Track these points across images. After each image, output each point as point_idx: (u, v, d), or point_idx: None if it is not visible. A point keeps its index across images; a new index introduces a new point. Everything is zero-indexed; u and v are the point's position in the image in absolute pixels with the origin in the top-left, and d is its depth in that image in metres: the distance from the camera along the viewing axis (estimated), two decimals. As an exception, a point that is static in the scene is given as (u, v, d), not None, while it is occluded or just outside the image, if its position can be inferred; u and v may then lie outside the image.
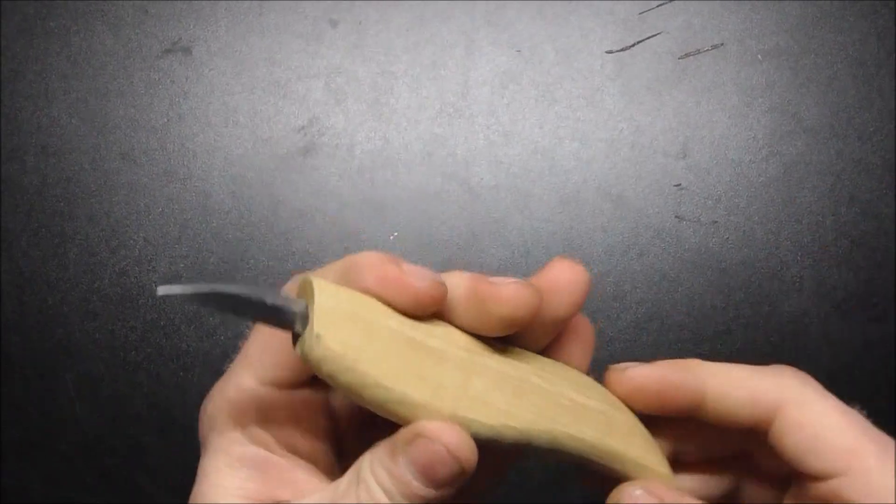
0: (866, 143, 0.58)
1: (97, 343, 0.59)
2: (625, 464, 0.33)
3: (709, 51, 0.59)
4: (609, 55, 0.60)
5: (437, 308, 0.31)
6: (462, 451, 0.30)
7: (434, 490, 0.30)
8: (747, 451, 0.36)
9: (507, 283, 0.31)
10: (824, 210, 0.58)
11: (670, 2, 0.59)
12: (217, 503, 0.32)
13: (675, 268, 0.58)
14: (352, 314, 0.30)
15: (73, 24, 0.61)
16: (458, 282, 0.32)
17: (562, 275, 0.32)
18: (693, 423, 0.34)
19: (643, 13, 0.60)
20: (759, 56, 0.59)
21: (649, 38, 0.59)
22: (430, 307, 0.31)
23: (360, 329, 0.30)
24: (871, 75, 0.59)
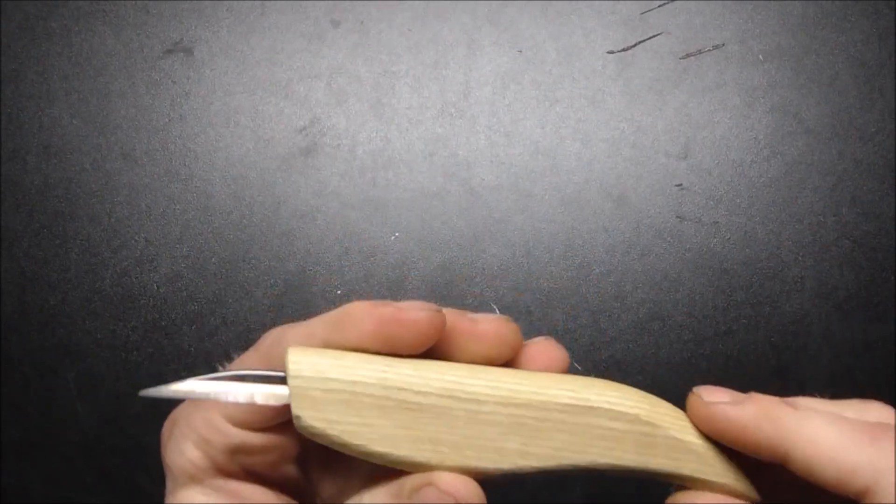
0: (868, 144, 0.58)
1: (98, 343, 0.59)
2: (677, 479, 0.32)
3: (710, 51, 0.59)
4: (610, 55, 0.60)
5: (438, 336, 0.31)
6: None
7: None
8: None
9: (486, 321, 0.31)
10: (825, 210, 0.58)
11: (672, 2, 0.59)
12: None
13: (677, 268, 0.58)
14: (329, 388, 0.29)
15: (75, 25, 0.61)
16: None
17: (539, 357, 0.32)
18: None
19: (645, 13, 0.60)
20: (761, 56, 0.59)
21: (651, 38, 0.59)
22: (433, 337, 0.31)
23: (340, 402, 0.29)
24: (872, 76, 0.59)
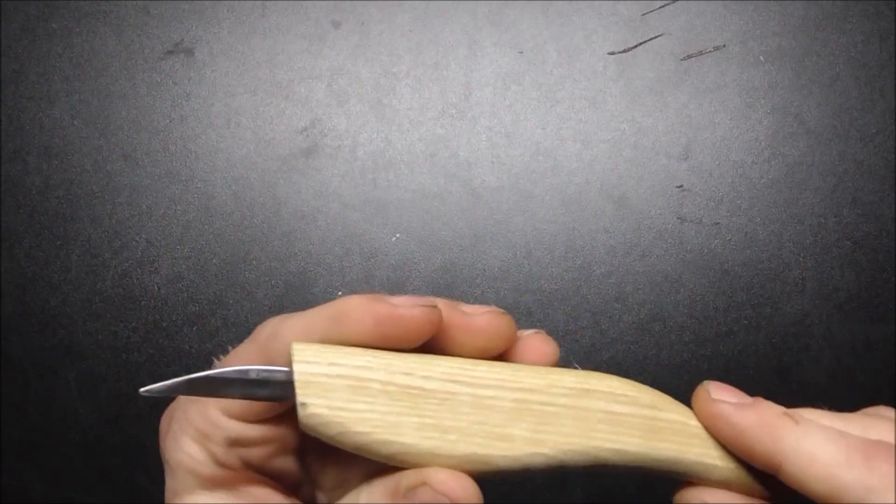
0: (868, 145, 0.58)
1: (99, 344, 0.59)
2: (682, 465, 0.32)
3: (711, 52, 0.59)
4: (611, 56, 0.60)
5: (434, 332, 0.31)
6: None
7: None
8: None
9: (480, 314, 0.31)
10: (826, 211, 0.58)
11: (673, 3, 0.59)
12: None
13: (678, 269, 0.58)
14: (335, 374, 0.29)
15: (76, 26, 0.61)
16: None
17: (532, 353, 0.32)
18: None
19: (646, 14, 0.60)
20: (762, 57, 0.59)
21: (652, 39, 0.59)
22: (429, 333, 0.31)
23: (346, 388, 0.29)
24: (873, 77, 0.59)
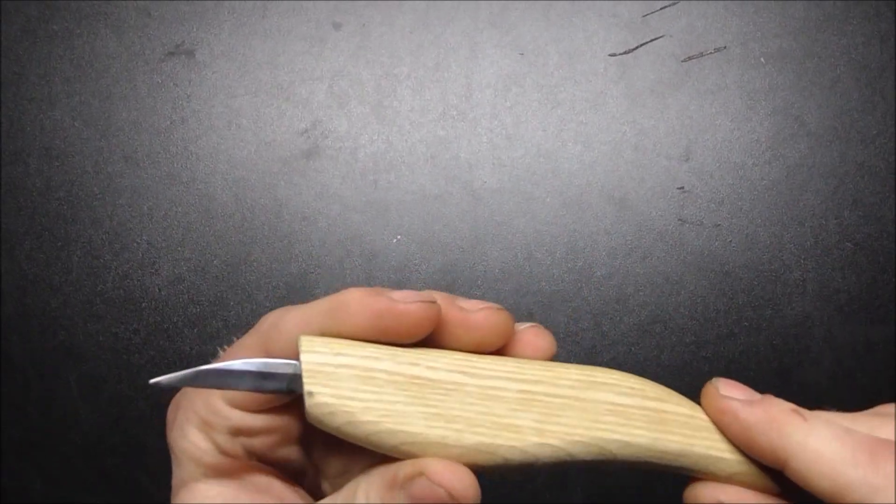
0: (869, 147, 0.58)
1: (100, 345, 0.59)
2: (690, 458, 0.31)
3: (712, 54, 0.59)
4: (612, 58, 0.60)
5: (433, 327, 0.31)
6: (464, 496, 0.29)
7: None
8: None
9: (477, 309, 0.31)
10: (827, 213, 0.58)
11: (673, 4, 0.59)
12: None
13: (678, 271, 0.58)
14: (343, 364, 0.29)
15: (76, 27, 0.61)
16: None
17: (529, 347, 0.32)
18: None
19: (646, 16, 0.60)
20: (763, 59, 0.59)
21: (652, 41, 0.59)
22: (427, 328, 0.31)
23: (353, 378, 0.29)
24: (874, 78, 0.59)
